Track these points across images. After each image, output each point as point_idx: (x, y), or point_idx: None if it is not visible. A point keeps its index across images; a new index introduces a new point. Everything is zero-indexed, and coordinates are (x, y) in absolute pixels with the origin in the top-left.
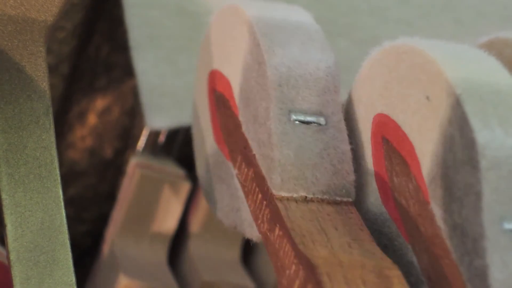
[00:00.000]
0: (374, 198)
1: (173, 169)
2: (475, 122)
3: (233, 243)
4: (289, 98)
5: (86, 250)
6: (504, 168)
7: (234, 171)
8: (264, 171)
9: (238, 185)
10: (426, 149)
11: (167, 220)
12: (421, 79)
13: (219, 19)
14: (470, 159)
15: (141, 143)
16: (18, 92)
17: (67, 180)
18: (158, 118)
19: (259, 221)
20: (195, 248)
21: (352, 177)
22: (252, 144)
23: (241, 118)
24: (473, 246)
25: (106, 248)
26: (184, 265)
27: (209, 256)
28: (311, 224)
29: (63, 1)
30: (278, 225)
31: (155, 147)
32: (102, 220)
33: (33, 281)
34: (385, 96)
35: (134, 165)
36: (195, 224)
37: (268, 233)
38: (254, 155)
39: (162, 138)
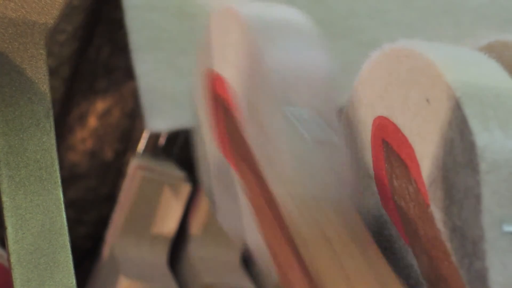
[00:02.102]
0: (374, 200)
1: (174, 171)
2: (475, 125)
3: (233, 245)
4: (288, 100)
5: (86, 252)
6: (504, 170)
7: (240, 182)
8: (276, 194)
9: (241, 194)
10: (426, 152)
11: (168, 222)
12: (421, 81)
13: (216, 21)
14: (470, 161)
15: (142, 145)
16: (19, 94)
17: (67, 182)
18: (158, 121)
19: (269, 240)
20: (195, 250)
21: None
22: (261, 158)
23: (244, 125)
24: (473, 249)
25: (106, 250)
26: (184, 267)
27: (209, 258)
28: (332, 265)
29: (64, 4)
30: (293, 254)
31: (155, 149)
32: (103, 222)
33: (34, 283)
34: (385, 99)
35: (135, 167)
36: (195, 226)
37: (278, 252)
38: (262, 170)
39: (162, 140)
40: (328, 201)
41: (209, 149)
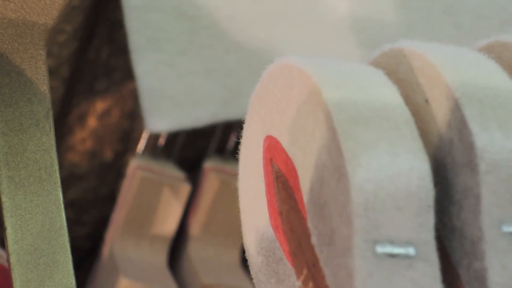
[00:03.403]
0: None
1: (173, 171)
2: (474, 126)
3: (233, 245)
4: (375, 225)
5: (86, 253)
6: (503, 171)
7: (297, 283)
8: None
9: None
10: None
11: (167, 222)
12: (420, 82)
13: (282, 78)
14: (469, 162)
15: (141, 145)
16: (19, 95)
17: (67, 182)
18: (158, 122)
19: None
20: (194, 250)
21: None
22: (324, 268)
23: (310, 225)
24: (472, 249)
25: (106, 250)
26: (183, 267)
27: (209, 258)
28: None
29: (64, 5)
30: None
31: (155, 150)
32: (102, 223)
33: (33, 283)
34: None
35: (134, 167)
36: (195, 226)
37: None
38: (326, 283)
39: (162, 141)
40: None
41: (259, 219)
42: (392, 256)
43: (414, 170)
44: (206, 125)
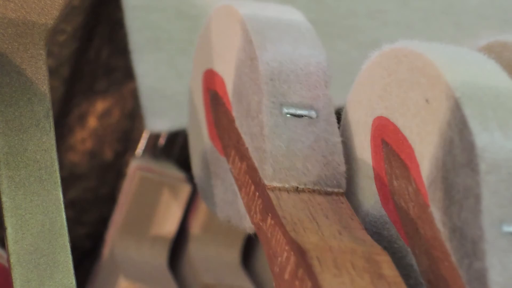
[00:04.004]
0: (374, 200)
1: (174, 172)
2: (474, 125)
3: (233, 245)
4: (281, 92)
5: (86, 253)
6: (504, 171)
7: (228, 166)
8: (256, 163)
9: (232, 179)
10: (425, 152)
11: (168, 222)
12: (420, 82)
13: (213, 19)
14: (469, 162)
15: (141, 145)
16: (19, 95)
17: (67, 182)
18: (158, 121)
19: (252, 212)
20: (195, 250)
21: (342, 168)
22: (245, 137)
23: (234, 113)
24: (473, 249)
25: (106, 250)
26: (184, 267)
27: (209, 258)
28: (302, 213)
29: (64, 4)
30: (270, 214)
31: (155, 150)
32: (103, 223)
33: (34, 283)
34: (384, 99)
35: (135, 168)
36: (195, 226)
37: (261, 223)
38: (246, 148)
39: (162, 141)
40: (317, 185)
41: (202, 141)
42: (296, 116)
43: (313, 56)
44: None
